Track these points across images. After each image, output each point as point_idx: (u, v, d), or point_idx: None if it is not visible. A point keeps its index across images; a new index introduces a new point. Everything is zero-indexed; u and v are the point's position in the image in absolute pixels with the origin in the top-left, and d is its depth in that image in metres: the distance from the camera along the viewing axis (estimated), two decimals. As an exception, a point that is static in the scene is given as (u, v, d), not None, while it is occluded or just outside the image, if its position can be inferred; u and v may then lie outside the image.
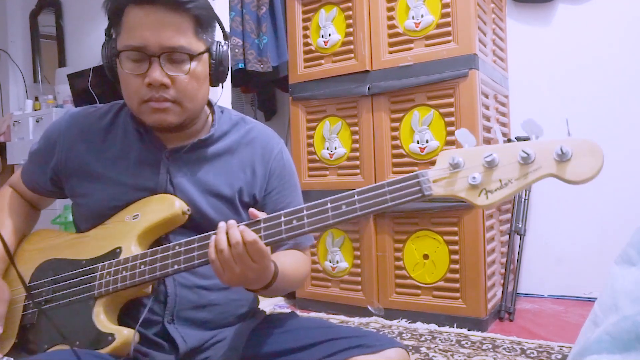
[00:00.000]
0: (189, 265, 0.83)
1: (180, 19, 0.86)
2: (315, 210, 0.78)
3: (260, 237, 0.78)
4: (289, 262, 0.93)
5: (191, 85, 0.89)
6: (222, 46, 0.93)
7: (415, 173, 0.75)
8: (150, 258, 0.85)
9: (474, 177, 0.71)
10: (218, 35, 0.96)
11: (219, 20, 0.95)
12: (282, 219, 0.80)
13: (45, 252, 0.98)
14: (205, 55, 0.91)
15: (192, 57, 0.88)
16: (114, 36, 0.91)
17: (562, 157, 0.67)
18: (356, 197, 0.76)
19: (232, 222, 0.79)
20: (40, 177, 1.02)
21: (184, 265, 0.83)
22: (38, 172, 1.03)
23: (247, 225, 0.80)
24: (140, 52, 0.85)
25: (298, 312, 2.11)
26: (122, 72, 0.89)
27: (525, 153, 0.68)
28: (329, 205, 0.78)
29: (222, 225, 0.79)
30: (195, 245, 0.83)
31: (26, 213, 1.07)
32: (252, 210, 0.82)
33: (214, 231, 0.81)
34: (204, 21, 0.90)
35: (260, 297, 1.03)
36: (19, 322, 0.92)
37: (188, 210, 0.91)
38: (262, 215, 0.82)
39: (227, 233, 0.78)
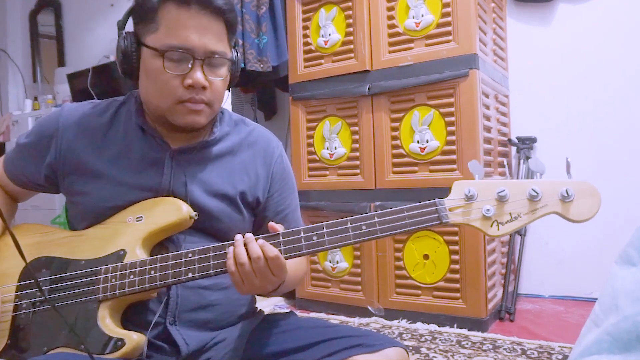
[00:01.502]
0: (204, 274, 0.84)
1: (220, 25, 0.90)
2: (336, 228, 0.82)
3: (279, 251, 0.80)
4: (290, 262, 0.93)
5: (222, 89, 0.94)
6: (237, 52, 0.97)
7: (432, 201, 0.80)
8: (161, 264, 0.84)
9: (487, 210, 0.77)
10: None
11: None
12: (302, 234, 0.82)
13: (34, 248, 0.93)
14: None
15: (231, 62, 0.93)
16: (139, 30, 0.90)
17: (566, 198, 0.75)
18: (376, 220, 0.80)
19: (250, 235, 0.81)
20: (31, 172, 1.00)
21: (199, 274, 0.84)
22: (29, 167, 0.99)
23: (265, 239, 0.82)
24: (185, 53, 0.87)
25: (298, 313, 2.10)
26: (156, 70, 0.88)
27: (535, 192, 0.76)
28: (349, 225, 0.81)
29: (239, 238, 0.81)
30: (211, 254, 0.84)
31: (6, 206, 1.04)
32: (271, 224, 0.85)
33: (229, 242, 0.83)
34: (234, 28, 0.94)
35: (258, 297, 1.04)
36: (11, 322, 0.89)
37: (195, 215, 0.90)
38: (280, 228, 0.84)
39: (245, 246, 0.80)
